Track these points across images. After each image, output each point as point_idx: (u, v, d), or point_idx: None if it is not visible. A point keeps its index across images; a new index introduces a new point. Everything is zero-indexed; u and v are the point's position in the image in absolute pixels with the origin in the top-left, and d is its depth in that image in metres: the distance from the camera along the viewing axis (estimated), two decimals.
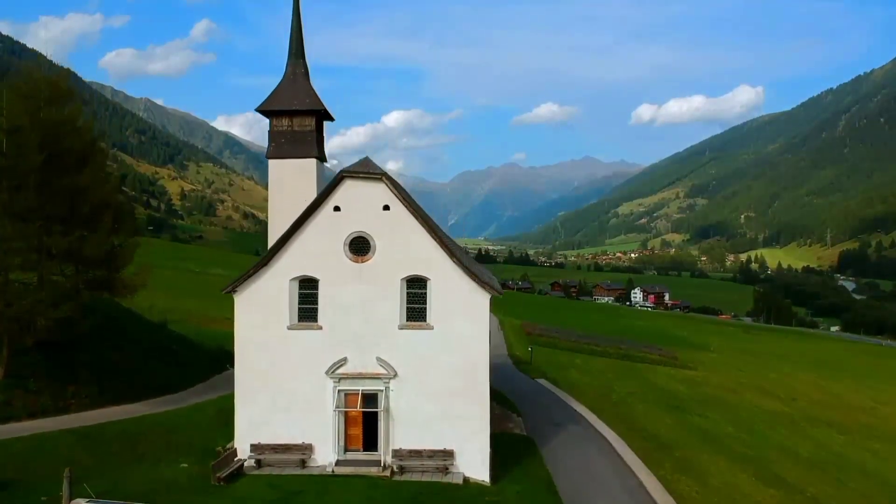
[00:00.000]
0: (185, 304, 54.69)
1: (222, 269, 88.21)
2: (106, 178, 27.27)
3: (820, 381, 70.95)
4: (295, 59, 30.78)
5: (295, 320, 23.21)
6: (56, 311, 22.80)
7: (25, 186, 23.64)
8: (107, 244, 25.36)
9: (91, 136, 26.51)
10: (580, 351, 63.77)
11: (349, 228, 23.01)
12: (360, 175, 22.92)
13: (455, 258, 22.58)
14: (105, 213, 25.75)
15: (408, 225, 22.79)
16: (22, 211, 23.36)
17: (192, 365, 33.14)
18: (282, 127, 29.26)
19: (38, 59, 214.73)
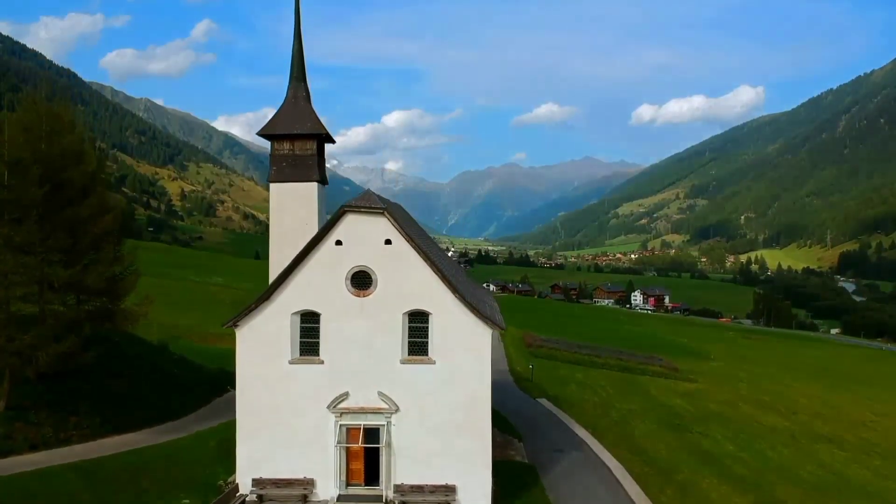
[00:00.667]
0: (186, 318, 54.68)
1: (222, 278, 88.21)
2: (107, 207, 27.19)
3: (820, 392, 70.86)
4: (296, 82, 30.86)
5: (296, 354, 23.21)
6: (58, 345, 22.78)
7: (27, 219, 23.62)
8: (108, 273, 25.34)
9: (93, 166, 26.45)
10: (581, 363, 63.69)
11: (351, 263, 23.01)
12: (362, 210, 22.92)
13: (457, 293, 22.56)
14: (106, 244, 25.76)
15: (409, 259, 22.77)
16: (23, 244, 23.34)
17: (192, 388, 33.10)
18: (283, 151, 29.34)
19: (39, 60, 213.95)
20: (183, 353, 40.11)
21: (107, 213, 26.51)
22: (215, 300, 69.91)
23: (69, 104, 26.17)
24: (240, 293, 75.80)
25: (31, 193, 23.56)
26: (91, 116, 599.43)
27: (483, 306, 24.91)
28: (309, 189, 28.61)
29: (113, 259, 26.13)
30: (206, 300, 68.72)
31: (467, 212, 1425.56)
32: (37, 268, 23.27)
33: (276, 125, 29.81)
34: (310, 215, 28.48)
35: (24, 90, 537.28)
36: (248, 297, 73.55)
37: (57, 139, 24.80)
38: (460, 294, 22.64)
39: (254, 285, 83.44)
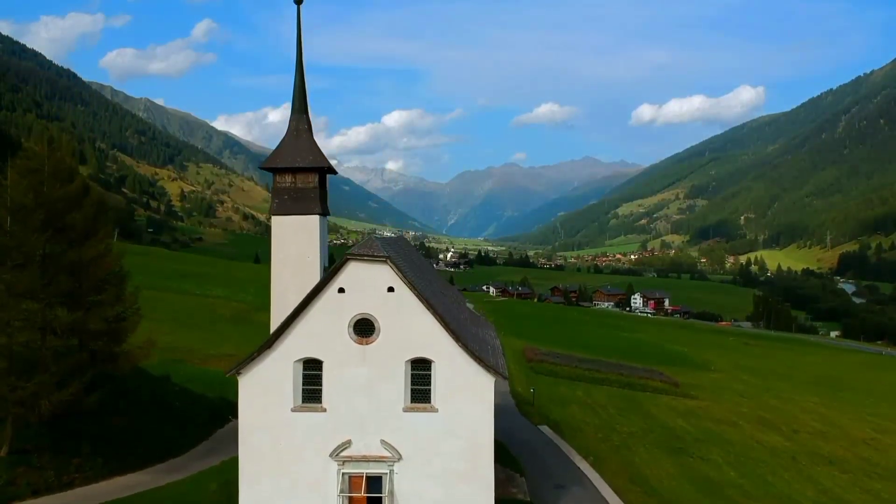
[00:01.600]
0: (186, 337, 54.67)
1: (222, 289, 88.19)
2: (109, 249, 27.20)
3: (820, 407, 70.96)
4: (298, 114, 30.85)
5: (299, 402, 23.20)
6: (61, 392, 22.78)
7: (30, 265, 23.62)
8: (111, 315, 25.35)
9: (94, 209, 26.45)
10: (581, 379, 63.75)
11: (353, 310, 23.01)
12: (365, 258, 22.91)
13: (460, 341, 22.56)
14: (108, 286, 25.78)
15: (412, 307, 22.77)
16: (26, 290, 23.34)
17: (194, 421, 33.11)
18: (285, 184, 29.36)
19: (39, 60, 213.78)
20: (184, 381, 40.07)
21: (108, 254, 26.48)
22: (216, 315, 69.89)
23: (70, 148, 26.07)
24: (241, 307, 75.85)
25: (33, 239, 23.55)
26: (91, 117, 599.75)
27: (486, 351, 24.92)
28: (311, 222, 28.63)
29: (115, 301, 26.12)
30: (206, 315, 68.68)
31: (467, 212, 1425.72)
32: (39, 314, 23.26)
33: (278, 158, 29.84)
34: (311, 248, 28.53)
35: (24, 90, 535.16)
36: (249, 311, 73.72)
37: (59, 184, 24.77)
38: (463, 342, 22.65)
39: (254, 297, 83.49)
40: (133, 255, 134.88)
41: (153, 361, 43.09)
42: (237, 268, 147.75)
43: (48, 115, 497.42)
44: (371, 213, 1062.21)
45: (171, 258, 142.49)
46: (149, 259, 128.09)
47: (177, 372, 41.56)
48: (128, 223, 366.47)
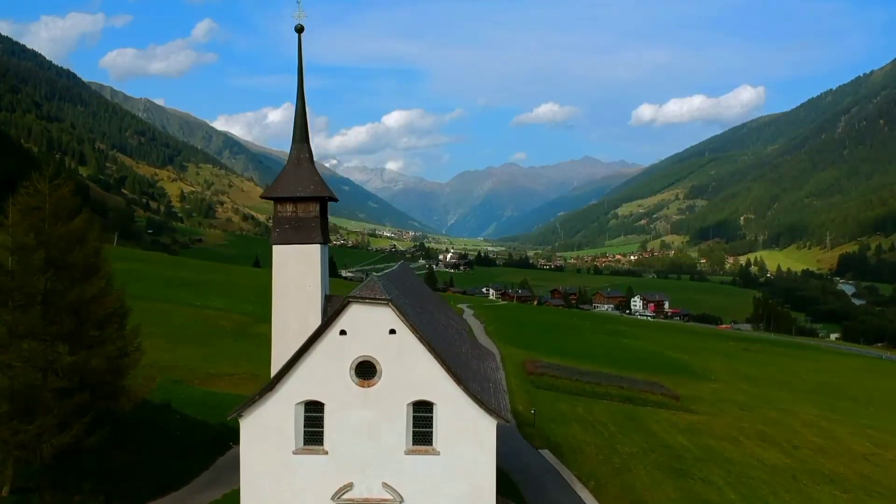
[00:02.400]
0: (187, 354, 54.65)
1: (222, 299, 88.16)
2: (110, 284, 27.19)
3: (820, 420, 70.97)
4: (299, 143, 30.94)
5: (300, 444, 23.21)
6: (62, 434, 22.79)
7: (32, 305, 23.62)
8: (112, 354, 25.36)
9: (96, 245, 26.44)
10: (582, 393, 63.78)
11: (355, 353, 23.03)
12: (367, 300, 22.90)
13: (461, 384, 22.58)
14: (110, 323, 25.78)
15: (414, 349, 22.78)
16: (27, 331, 23.34)
17: (195, 450, 33.08)
18: (286, 213, 29.45)
19: (38, 60, 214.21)
20: (185, 404, 40.03)
21: (109, 291, 26.48)
22: (216, 327, 69.85)
23: (72, 184, 26.09)
24: (241, 319, 75.81)
25: (35, 279, 23.55)
26: (90, 117, 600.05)
27: (487, 391, 24.92)
28: (312, 251, 28.72)
29: (116, 338, 26.14)
30: (206, 328, 68.64)
31: (467, 212, 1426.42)
32: (41, 354, 23.26)
33: (279, 188, 29.94)
34: (312, 276, 28.62)
35: (24, 91, 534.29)
36: (249, 323, 73.67)
37: (61, 222, 24.77)
38: (464, 384, 22.66)
39: (254, 307, 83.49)
40: (133, 260, 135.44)
41: (154, 384, 43.27)
42: (237, 273, 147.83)
43: (48, 116, 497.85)
44: (371, 213, 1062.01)
45: (171, 264, 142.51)
46: (149, 266, 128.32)
47: (177, 395, 41.53)
48: (128, 225, 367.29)
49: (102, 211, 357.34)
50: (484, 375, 27.09)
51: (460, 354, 27.07)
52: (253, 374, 50.33)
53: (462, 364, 25.41)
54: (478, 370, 27.16)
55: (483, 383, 25.62)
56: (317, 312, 28.91)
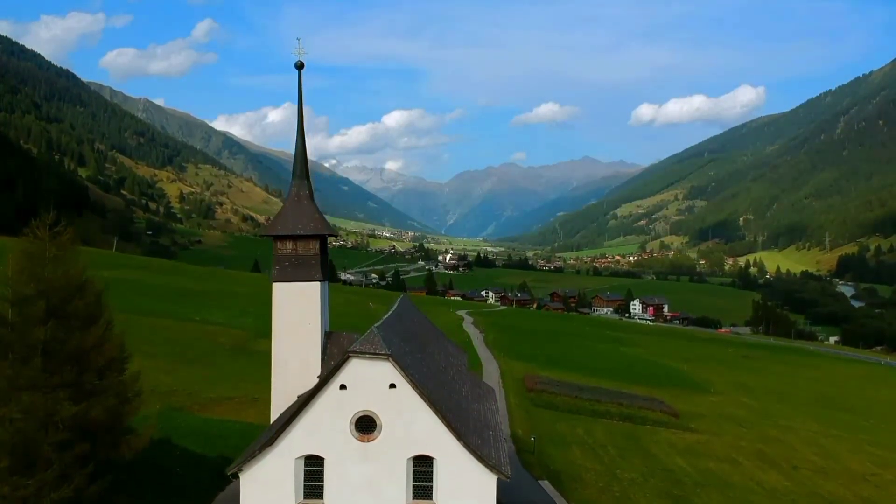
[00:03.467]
0: (186, 376, 54.62)
1: (222, 313, 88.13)
2: (110, 330, 27.13)
3: (819, 437, 71.05)
4: (299, 179, 31.07)
5: (300, 499, 23.20)
6: (63, 488, 22.71)
7: (33, 357, 23.55)
8: (113, 403, 25.29)
9: (96, 294, 26.40)
10: (581, 412, 63.82)
11: (355, 407, 23.02)
12: (367, 354, 22.90)
13: (462, 440, 22.57)
14: (110, 371, 25.72)
15: (414, 404, 22.79)
16: (28, 383, 23.27)
17: (195, 487, 33.02)
18: (286, 250, 29.59)
19: (38, 60, 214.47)
20: (185, 434, 39.92)
21: (110, 339, 26.42)
22: (215, 344, 69.84)
23: (72, 230, 26.07)
24: (240, 335, 75.80)
25: (36, 331, 23.50)
26: (90, 118, 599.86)
27: (488, 441, 24.91)
28: (312, 289, 28.91)
29: (117, 386, 26.08)
30: (205, 345, 68.60)
31: (466, 212, 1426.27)
32: (42, 407, 23.19)
33: (279, 226, 30.04)
34: (312, 314, 28.87)
35: (23, 91, 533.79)
36: (249, 338, 73.65)
37: (61, 270, 24.73)
38: (464, 439, 22.66)
39: (254, 320, 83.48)
40: (133, 268, 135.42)
41: (154, 410, 43.30)
42: (237, 280, 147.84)
43: (47, 117, 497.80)
44: (370, 213, 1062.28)
45: (171, 270, 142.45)
46: (149, 274, 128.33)
47: (177, 426, 41.50)
48: (127, 226, 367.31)
49: (102, 212, 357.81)
50: (484, 422, 27.08)
51: (460, 400, 27.07)
52: (252, 398, 50.37)
53: (462, 413, 25.42)
54: (478, 416, 27.16)
55: (483, 432, 25.61)
56: (317, 350, 29.07)
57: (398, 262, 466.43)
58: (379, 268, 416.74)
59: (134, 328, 68.55)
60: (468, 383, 31.05)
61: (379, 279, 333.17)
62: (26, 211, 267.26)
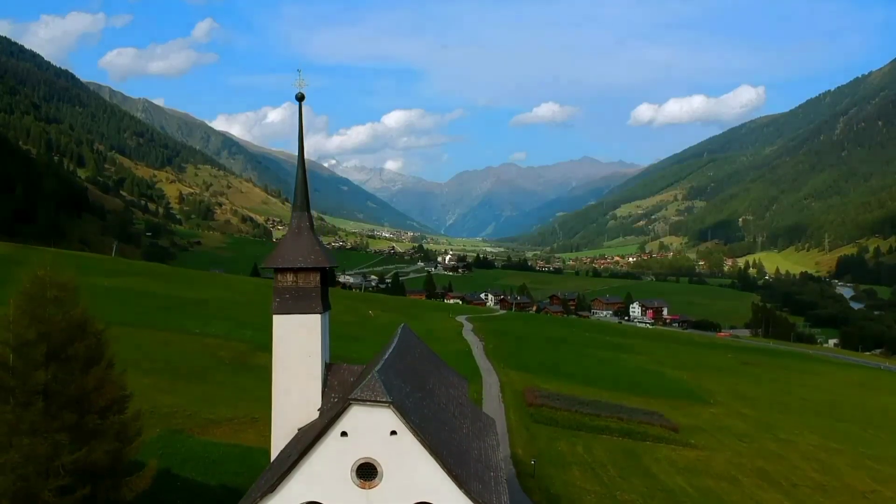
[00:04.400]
0: (186, 394, 54.56)
1: (222, 324, 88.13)
2: (112, 369, 27.10)
3: (819, 451, 71.08)
4: (300, 211, 31.06)
5: None
6: None
7: (34, 402, 23.52)
8: (113, 448, 25.27)
9: (96, 334, 26.35)
10: (582, 428, 63.84)
11: (356, 454, 22.95)
12: (368, 402, 22.85)
13: (463, 487, 22.52)
14: (111, 413, 25.68)
15: (415, 451, 22.73)
16: (29, 429, 23.24)
17: None
18: (286, 283, 29.60)
19: (37, 60, 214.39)
20: (185, 461, 39.92)
21: (110, 381, 26.38)
22: (215, 358, 69.80)
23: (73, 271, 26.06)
24: (240, 348, 75.79)
25: (37, 376, 23.49)
26: (89, 118, 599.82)
27: (488, 484, 24.88)
28: (312, 321, 28.98)
29: (118, 427, 26.04)
30: (205, 360, 68.56)
31: (465, 212, 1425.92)
32: (43, 453, 23.17)
33: (279, 258, 30.03)
34: (313, 346, 28.94)
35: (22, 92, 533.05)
36: (249, 352, 73.62)
37: (62, 312, 24.71)
38: (466, 487, 22.61)
39: (254, 332, 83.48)
40: (133, 274, 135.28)
41: (154, 435, 43.29)
42: (236, 287, 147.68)
43: (46, 118, 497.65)
44: (369, 213, 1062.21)
45: (170, 277, 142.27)
46: (149, 281, 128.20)
47: (177, 451, 41.50)
48: (127, 228, 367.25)
49: (101, 214, 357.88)
50: (485, 463, 27.04)
51: (461, 440, 27.03)
52: (252, 418, 50.40)
53: (463, 455, 25.39)
54: (479, 456, 27.12)
55: (484, 474, 25.57)
56: (317, 382, 29.09)
57: (397, 264, 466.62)
58: (378, 269, 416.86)
59: (135, 342, 68.86)
60: (469, 418, 31.01)
61: (378, 281, 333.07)
62: (25, 212, 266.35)
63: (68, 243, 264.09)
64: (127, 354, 62.98)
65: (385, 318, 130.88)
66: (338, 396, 29.33)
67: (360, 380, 27.90)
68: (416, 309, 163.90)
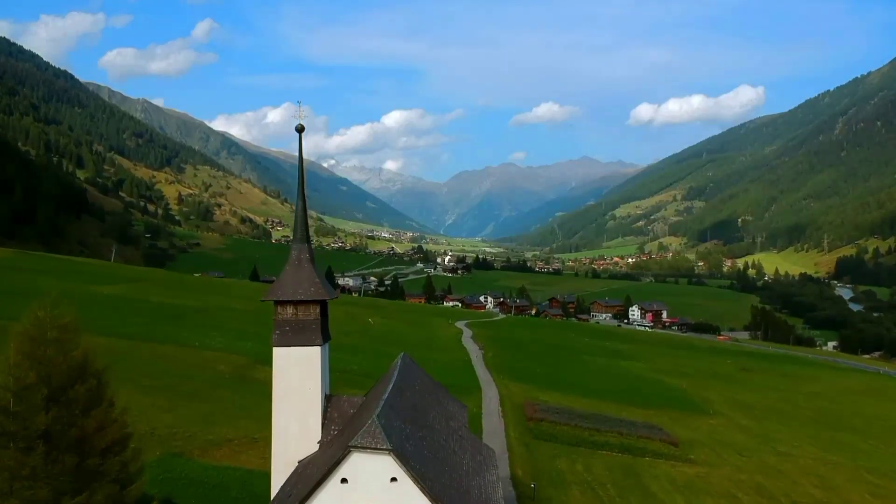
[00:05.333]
0: (186, 414, 54.50)
1: (221, 336, 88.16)
2: (112, 409, 27.08)
3: (819, 465, 71.17)
4: (300, 243, 31.34)
5: None
6: None
7: (35, 447, 23.50)
8: (114, 491, 25.26)
9: (97, 375, 26.34)
10: (581, 443, 63.84)
11: (356, 501, 23.02)
12: (368, 449, 22.92)
13: None
14: (112, 454, 25.67)
15: (415, 497, 22.81)
16: (30, 474, 23.24)
17: None
18: (286, 315, 29.89)
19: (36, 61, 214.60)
20: (184, 488, 39.94)
21: (111, 422, 26.36)
22: (215, 373, 69.80)
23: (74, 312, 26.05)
24: (240, 361, 75.78)
25: (38, 420, 23.48)
26: (88, 119, 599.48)
27: None
28: (312, 354, 29.28)
29: (119, 469, 26.02)
30: (205, 375, 68.51)
31: (465, 212, 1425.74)
32: (44, 499, 23.18)
33: (279, 291, 30.28)
34: (313, 378, 29.32)
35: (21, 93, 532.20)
36: (248, 365, 73.60)
37: (63, 355, 24.70)
38: None
39: (254, 343, 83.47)
40: (132, 280, 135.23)
41: (154, 458, 43.31)
42: (235, 293, 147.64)
43: (45, 119, 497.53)
44: (369, 213, 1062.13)
45: (168, 284, 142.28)
46: (148, 288, 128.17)
47: (177, 476, 41.50)
48: (126, 229, 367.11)
49: (100, 215, 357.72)
50: (485, 501, 27.13)
51: (461, 479, 27.10)
52: (252, 439, 50.39)
53: (463, 496, 25.47)
54: (479, 495, 27.18)
55: None
56: (317, 414, 29.30)
57: (397, 265, 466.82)
58: (378, 270, 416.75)
59: (135, 357, 68.93)
60: (469, 451, 31.09)
61: (378, 284, 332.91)
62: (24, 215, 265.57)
63: (67, 245, 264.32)
64: (127, 371, 63.19)
65: (385, 326, 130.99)
66: (338, 429, 29.50)
67: (360, 416, 28.07)
68: (415, 314, 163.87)
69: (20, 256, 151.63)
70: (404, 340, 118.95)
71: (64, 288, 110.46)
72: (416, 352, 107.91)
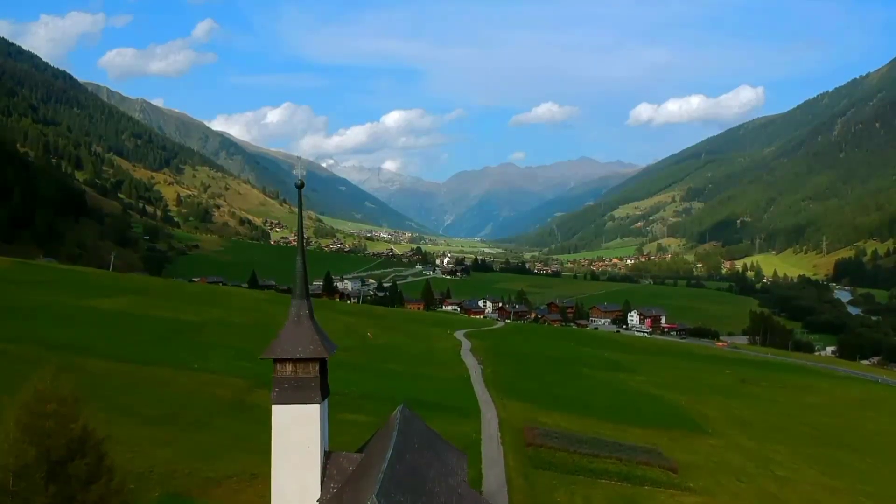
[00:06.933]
0: (186, 447, 54.36)
1: (220, 358, 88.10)
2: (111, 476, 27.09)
3: (818, 490, 71.20)
4: (300, 299, 31.47)
5: None
6: None
7: None
8: None
9: (96, 447, 26.34)
10: (580, 471, 63.76)
11: None
12: None
13: None
14: None
15: None
16: None
17: None
18: (285, 372, 30.10)
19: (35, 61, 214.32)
20: None
21: (111, 494, 26.38)
22: (214, 400, 69.68)
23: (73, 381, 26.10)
24: (238, 384, 75.79)
25: (38, 500, 23.50)
26: (87, 120, 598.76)
27: None
28: (312, 411, 29.43)
29: None
30: (204, 401, 68.46)
31: (464, 212, 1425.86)
32: None
33: (279, 348, 30.41)
34: (312, 436, 29.51)
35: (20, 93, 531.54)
36: (247, 389, 73.56)
37: (63, 430, 24.71)
38: None
39: (252, 365, 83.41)
40: (130, 293, 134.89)
41: (153, 498, 43.27)
42: (234, 303, 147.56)
43: (44, 120, 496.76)
44: (368, 213, 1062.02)
45: (167, 295, 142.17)
46: (147, 301, 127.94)
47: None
48: (125, 232, 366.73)
49: (99, 217, 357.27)
50: None
51: None
52: (251, 475, 50.29)
53: None
54: None
55: None
56: (316, 472, 29.41)
57: (396, 267, 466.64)
58: (377, 272, 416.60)
59: (134, 383, 68.96)
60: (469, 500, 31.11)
61: (377, 287, 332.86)
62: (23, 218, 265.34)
63: (66, 248, 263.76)
64: (127, 399, 63.21)
65: (384, 339, 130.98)
66: (337, 486, 29.57)
67: (359, 479, 28.10)
68: (414, 325, 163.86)
69: (17, 267, 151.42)
70: (403, 355, 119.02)
71: (61, 303, 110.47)
72: (415, 368, 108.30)
